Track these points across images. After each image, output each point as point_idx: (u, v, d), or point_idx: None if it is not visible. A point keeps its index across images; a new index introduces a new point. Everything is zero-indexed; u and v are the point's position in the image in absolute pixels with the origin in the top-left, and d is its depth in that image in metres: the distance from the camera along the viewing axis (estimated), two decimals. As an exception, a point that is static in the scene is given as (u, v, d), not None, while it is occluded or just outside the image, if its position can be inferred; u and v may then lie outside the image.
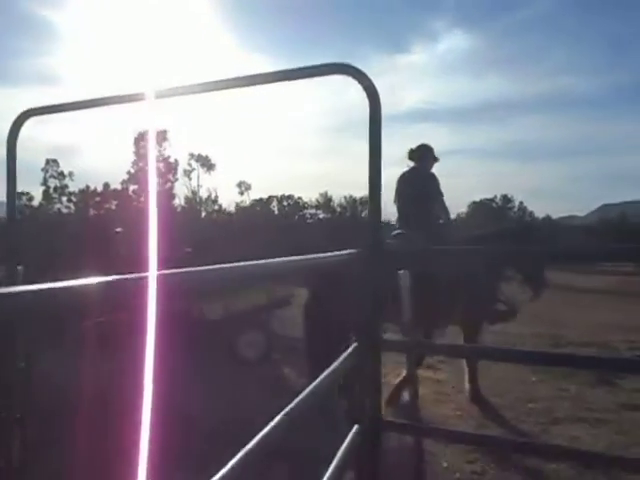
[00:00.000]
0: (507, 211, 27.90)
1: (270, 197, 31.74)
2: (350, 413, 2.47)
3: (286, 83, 1.89)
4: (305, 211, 29.63)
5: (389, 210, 4.61)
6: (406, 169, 4.88)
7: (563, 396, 4.82)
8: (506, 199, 28.38)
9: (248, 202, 28.20)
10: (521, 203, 27.69)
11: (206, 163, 25.18)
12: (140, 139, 32.94)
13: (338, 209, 26.58)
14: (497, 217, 26.01)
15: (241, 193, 27.75)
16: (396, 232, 4.69)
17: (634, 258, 3.63)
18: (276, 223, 20.04)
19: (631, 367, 2.18)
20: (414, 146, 4.87)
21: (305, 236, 22.01)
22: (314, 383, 1.36)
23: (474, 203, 32.44)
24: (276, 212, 28.43)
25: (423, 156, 4.82)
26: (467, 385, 4.58)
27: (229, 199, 27.99)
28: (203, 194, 25.28)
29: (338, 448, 1.57)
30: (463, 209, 32.37)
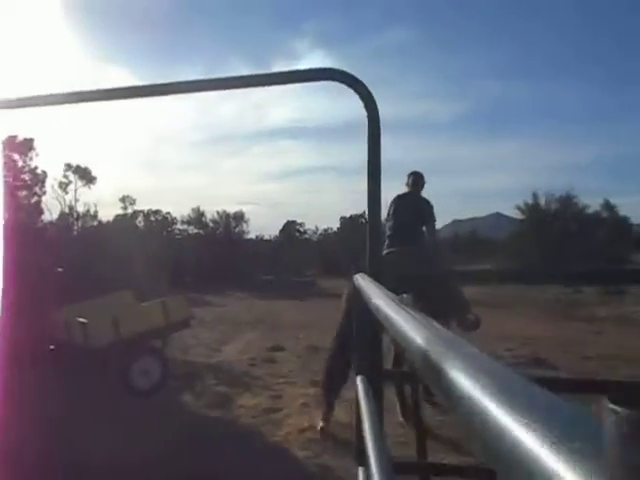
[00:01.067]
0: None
1: (135, 212, 30.14)
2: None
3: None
4: (174, 226, 28.57)
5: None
6: (401, 192, 5.36)
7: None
8: (374, 215, 29.51)
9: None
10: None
11: (85, 175, 23.21)
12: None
13: (210, 224, 25.99)
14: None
15: (124, 208, 25.86)
16: (388, 250, 4.92)
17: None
18: (144, 238, 19.05)
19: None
20: (410, 172, 5.44)
21: (177, 252, 21.24)
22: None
23: (344, 218, 33.40)
24: (142, 227, 27.17)
25: (416, 182, 5.34)
26: None
27: (111, 214, 25.90)
28: (81, 208, 23.17)
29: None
30: (335, 224, 33.21)
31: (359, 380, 1.55)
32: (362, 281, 1.36)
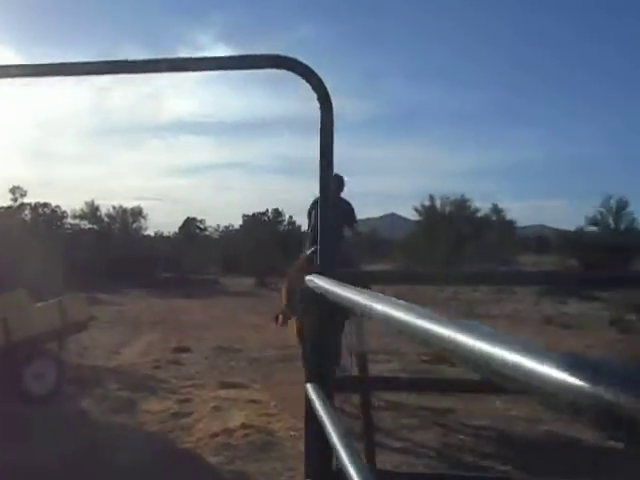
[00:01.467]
0: (278, 225, 28.98)
1: (22, 204, 28.23)
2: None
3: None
4: (64, 220, 26.97)
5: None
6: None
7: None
8: (277, 213, 29.46)
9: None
10: (290, 217, 28.94)
11: None
12: None
13: (106, 219, 24.79)
14: (271, 231, 26.74)
15: (14, 200, 23.74)
16: (311, 249, 5.01)
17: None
18: (32, 233, 17.75)
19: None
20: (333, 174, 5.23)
21: (69, 248, 20.02)
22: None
23: (247, 217, 33.06)
24: (28, 221, 25.36)
25: (339, 184, 5.55)
26: None
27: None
28: None
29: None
30: (237, 222, 32.73)
31: (311, 388, 1.47)
32: (326, 283, 1.27)
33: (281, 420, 4.44)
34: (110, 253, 21.14)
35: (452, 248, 26.10)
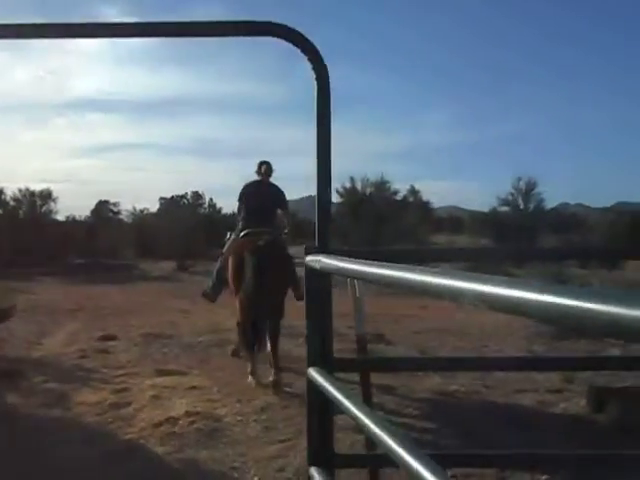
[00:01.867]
0: (198, 207, 28.35)
1: None
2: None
3: None
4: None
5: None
6: (255, 179, 5.93)
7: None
8: (197, 195, 28.82)
9: None
10: (211, 199, 28.38)
11: None
12: None
13: (12, 203, 23.28)
14: (192, 213, 26.11)
15: None
16: (246, 231, 5.49)
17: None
18: None
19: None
20: (260, 161, 5.90)
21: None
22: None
23: (164, 199, 32.10)
24: None
25: (267, 170, 5.85)
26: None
27: None
28: None
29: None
30: (150, 205, 31.72)
31: (313, 371, 1.41)
32: (326, 260, 1.22)
33: (226, 405, 4.35)
34: (17, 239, 19.89)
35: (372, 228, 26.62)
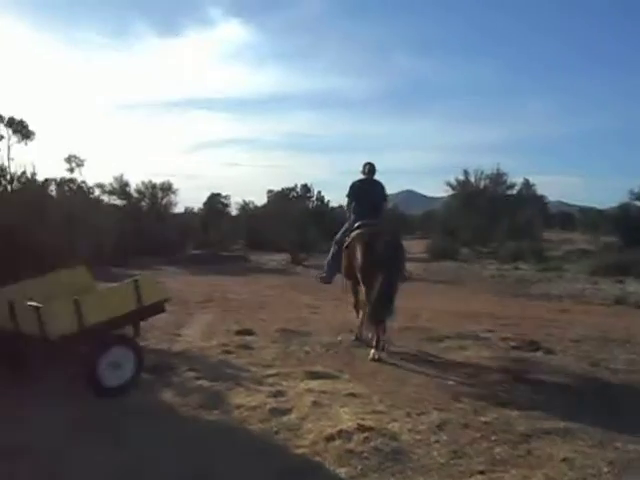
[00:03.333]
0: (307, 200, 28.41)
1: (47, 179, 27.64)
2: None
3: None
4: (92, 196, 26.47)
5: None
6: (361, 178, 6.82)
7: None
8: (306, 188, 28.88)
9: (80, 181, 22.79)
10: (319, 192, 28.30)
11: (21, 129, 20.19)
12: None
13: (135, 195, 24.28)
14: (302, 207, 26.13)
15: (71, 170, 22.62)
16: (361, 222, 6.33)
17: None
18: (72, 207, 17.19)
19: None
20: (365, 162, 6.82)
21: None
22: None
23: (272, 192, 32.47)
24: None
25: (372, 170, 6.75)
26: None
27: (54, 175, 22.25)
28: (17, 169, 19.89)
29: None
30: (254, 198, 32.13)
31: None
32: None
33: (396, 419, 3.89)
34: (139, 230, 20.70)
35: (486, 222, 25.38)
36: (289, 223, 22.82)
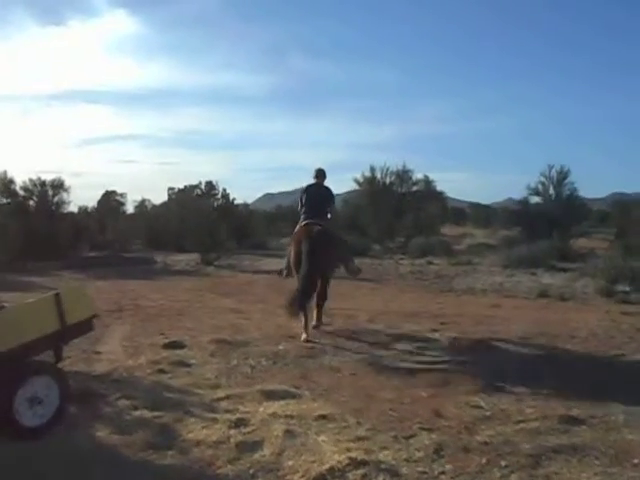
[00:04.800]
0: (212, 198, 27.27)
1: None
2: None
3: None
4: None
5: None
6: (311, 182, 7.53)
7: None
8: (210, 185, 27.75)
9: None
10: (225, 190, 27.25)
11: None
12: None
13: (22, 193, 22.10)
14: (208, 205, 25.05)
15: None
16: (307, 221, 6.99)
17: None
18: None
19: None
20: (317, 168, 7.56)
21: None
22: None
23: (173, 190, 31.05)
24: None
25: (321, 175, 7.50)
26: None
27: None
28: None
29: None
30: (153, 195, 30.57)
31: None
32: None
33: (386, 447, 3.38)
34: (27, 231, 18.81)
35: (392, 219, 25.68)
36: (195, 221, 21.72)
